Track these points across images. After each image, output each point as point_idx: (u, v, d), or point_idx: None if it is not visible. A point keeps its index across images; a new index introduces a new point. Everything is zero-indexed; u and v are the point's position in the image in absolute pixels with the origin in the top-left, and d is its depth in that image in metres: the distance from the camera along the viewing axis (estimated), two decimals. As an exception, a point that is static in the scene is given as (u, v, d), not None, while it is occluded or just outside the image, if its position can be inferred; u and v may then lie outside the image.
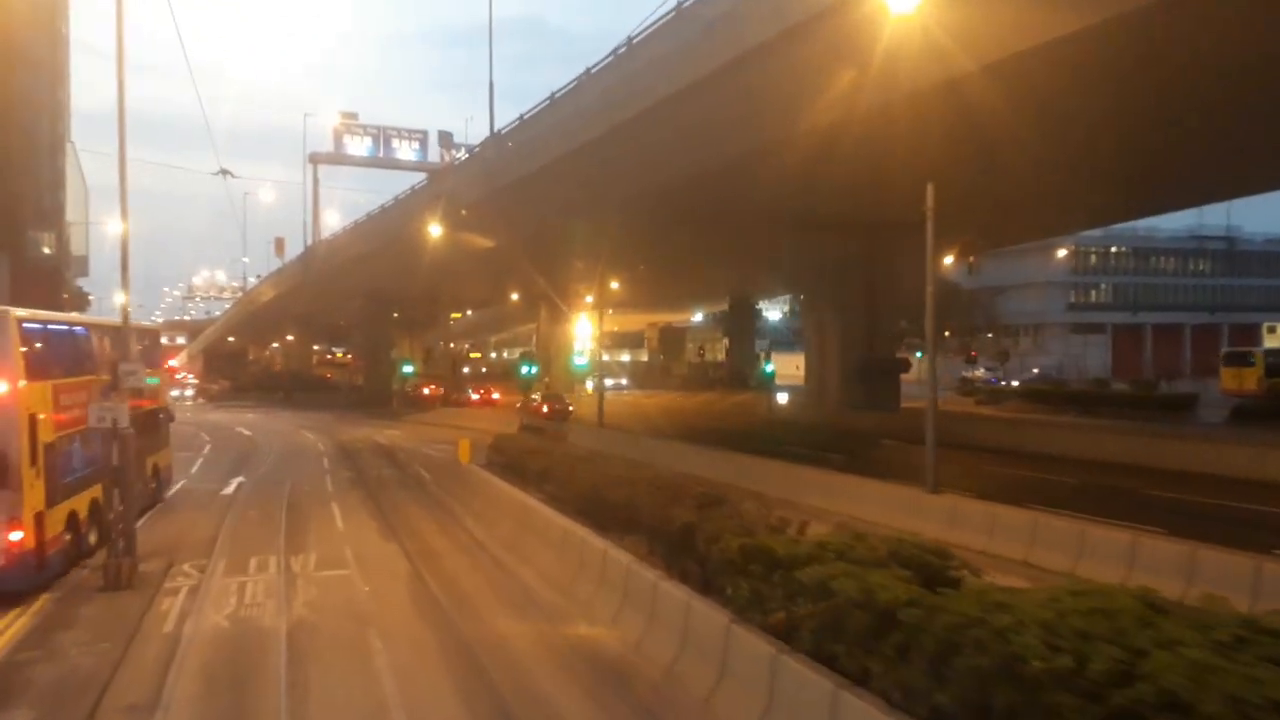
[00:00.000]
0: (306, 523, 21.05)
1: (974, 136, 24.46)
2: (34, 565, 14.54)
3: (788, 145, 27.92)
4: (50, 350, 16.01)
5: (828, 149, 28.47)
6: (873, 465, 30.45)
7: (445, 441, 40.65)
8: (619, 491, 14.78)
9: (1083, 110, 23.35)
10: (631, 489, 14.69)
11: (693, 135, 29.21)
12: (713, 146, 29.66)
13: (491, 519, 19.88)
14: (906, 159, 28.68)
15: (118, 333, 18.39)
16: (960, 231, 42.86)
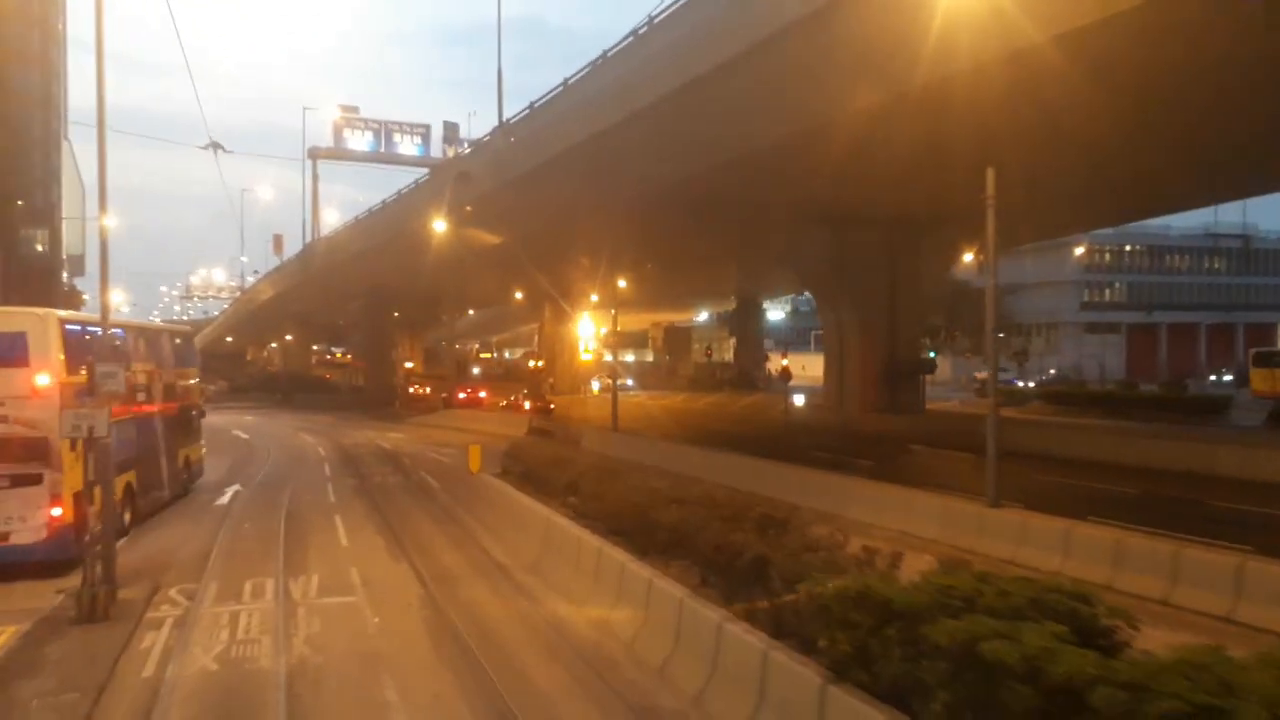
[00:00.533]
0: (307, 538, 19.30)
1: (1031, 118, 22.63)
2: (73, 539, 15.96)
3: (818, 133, 26.13)
4: (88, 348, 16.72)
5: (859, 138, 26.66)
6: (904, 472, 28.74)
7: (451, 445, 38.94)
8: (666, 512, 13.01)
9: (1167, 88, 21.46)
10: (681, 509, 12.93)
11: (715, 123, 27.44)
12: (735, 135, 27.88)
13: (510, 536, 18.14)
14: (943, 148, 26.95)
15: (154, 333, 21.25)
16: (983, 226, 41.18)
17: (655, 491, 14.60)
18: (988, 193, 18.75)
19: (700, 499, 13.66)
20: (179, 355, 25.54)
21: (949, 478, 26.99)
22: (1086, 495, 23.82)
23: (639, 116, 28.03)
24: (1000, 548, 17.51)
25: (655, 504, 14.08)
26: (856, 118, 23.57)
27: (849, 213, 38.89)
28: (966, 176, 32.76)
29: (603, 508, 15.93)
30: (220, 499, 24.93)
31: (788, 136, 26.67)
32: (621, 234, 43.27)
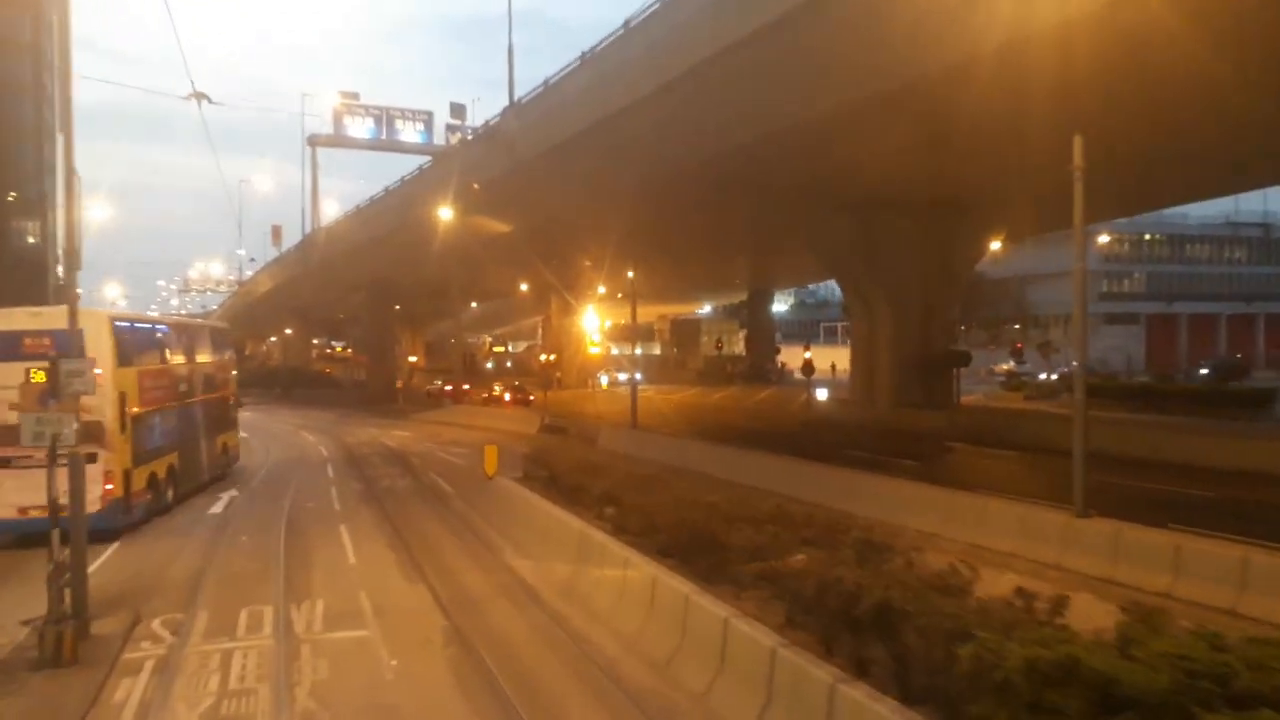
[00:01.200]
0: (310, 553, 17.28)
1: (1120, 88, 20.44)
2: (122, 511, 18.92)
3: (864, 107, 24.11)
4: (136, 343, 20.35)
5: (909, 113, 24.68)
6: (951, 473, 26.71)
7: (461, 444, 36.93)
8: (737, 532, 10.95)
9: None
10: (754, 529, 10.88)
11: (750, 95, 25.40)
12: (772, 109, 25.85)
13: (537, 551, 16.11)
14: (988, 127, 24.91)
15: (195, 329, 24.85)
16: (1033, 208, 39.12)
17: (714, 507, 12.54)
18: (1075, 163, 16.62)
19: (771, 515, 11.62)
20: (217, 349, 28.17)
21: (1001, 480, 24.99)
22: (1156, 499, 21.84)
23: (667, 90, 25.97)
24: (1091, 563, 15.50)
25: (716, 520, 12.04)
26: (913, 89, 21.51)
27: (880, 197, 36.81)
28: (1006, 158, 30.92)
29: (646, 522, 13.90)
30: (215, 506, 22.92)
31: (831, 110, 24.60)
32: (635, 221, 41.20)
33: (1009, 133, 26.23)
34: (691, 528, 11.96)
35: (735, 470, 25.87)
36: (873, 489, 21.40)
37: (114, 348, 19.11)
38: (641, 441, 33.17)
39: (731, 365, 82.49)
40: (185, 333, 25.67)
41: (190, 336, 25.89)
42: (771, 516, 11.45)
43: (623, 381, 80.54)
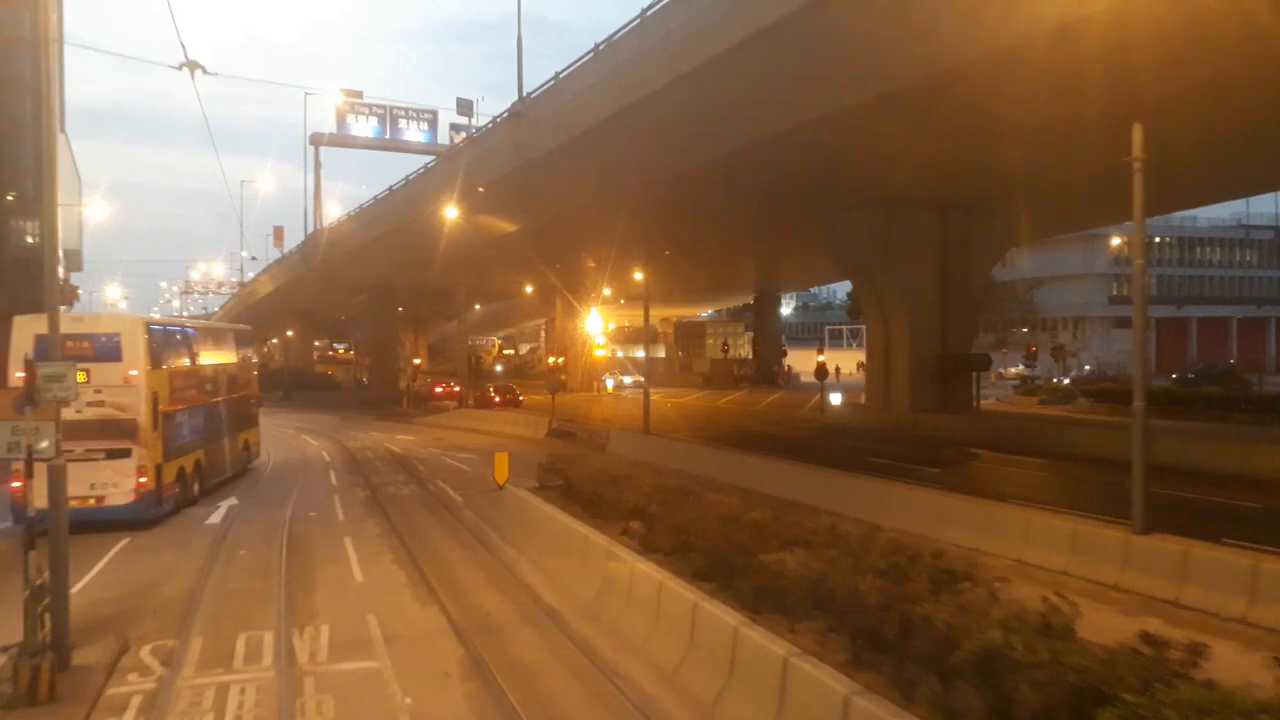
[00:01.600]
0: (313, 570, 16.19)
1: (1177, 73, 19.33)
2: (154, 502, 20.20)
3: (892, 99, 23.06)
4: (167, 346, 21.76)
5: (938, 103, 23.61)
6: (977, 482, 25.67)
7: (467, 450, 35.84)
8: (790, 557, 9.84)
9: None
10: (810, 555, 9.77)
11: (774, 88, 24.36)
12: (795, 102, 24.82)
13: (556, 569, 15.02)
14: (1020, 118, 23.81)
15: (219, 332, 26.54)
16: (1049, 209, 38.07)
17: (761, 527, 11.42)
18: (1134, 154, 15.51)
19: (824, 536, 10.52)
20: (241, 350, 29.49)
21: (1033, 490, 23.89)
22: (1199, 510, 20.79)
23: (684, 82, 24.87)
24: (1155, 585, 14.41)
25: (762, 541, 10.94)
26: (947, 76, 20.43)
27: (898, 195, 35.83)
28: (1036, 154, 29.87)
29: (678, 540, 12.80)
30: (213, 516, 21.79)
31: (858, 103, 23.52)
32: (645, 221, 40.13)
33: (1041, 126, 25.25)
34: (734, 549, 10.85)
35: (756, 478, 24.79)
36: (904, 499, 20.30)
37: (148, 351, 20.39)
38: (654, 447, 32.06)
39: (738, 368, 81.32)
40: (211, 335, 27.22)
41: (216, 339, 27.47)
42: (823, 537, 10.33)
43: (628, 385, 79.53)
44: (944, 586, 8.60)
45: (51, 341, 11.58)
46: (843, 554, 9.76)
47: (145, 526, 19.75)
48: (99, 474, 19.37)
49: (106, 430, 19.53)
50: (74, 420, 18.04)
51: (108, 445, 19.51)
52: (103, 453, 19.42)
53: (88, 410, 19.07)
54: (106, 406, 19.56)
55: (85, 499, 18.90)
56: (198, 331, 25.85)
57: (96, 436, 19.43)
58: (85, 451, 19.00)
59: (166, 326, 23.58)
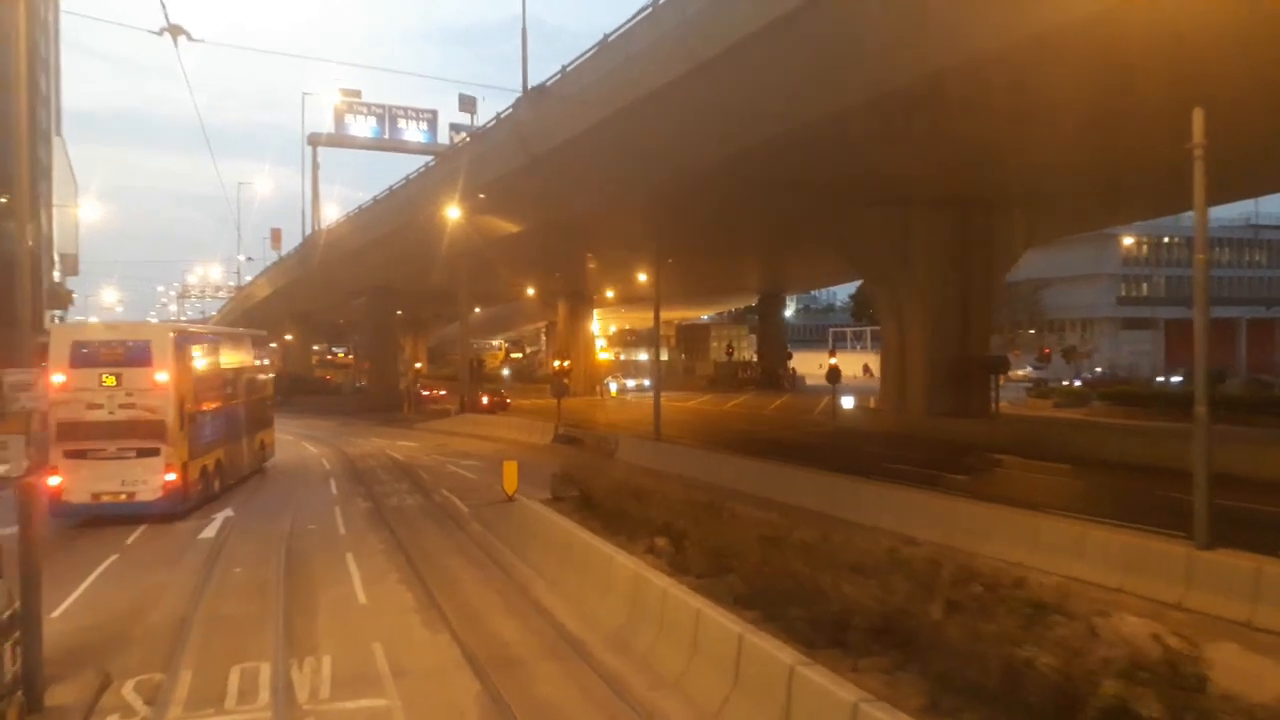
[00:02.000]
0: (314, 591, 15.06)
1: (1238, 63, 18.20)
2: (180, 498, 21.30)
3: (922, 87, 22.00)
4: (193, 352, 23.06)
5: (967, 92, 22.53)
6: (1009, 489, 24.54)
7: (472, 456, 34.72)
8: (851, 585, 8.71)
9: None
10: (868, 580, 8.64)
11: (796, 78, 23.27)
12: (819, 94, 23.74)
13: (575, 589, 13.88)
14: (1067, 103, 22.73)
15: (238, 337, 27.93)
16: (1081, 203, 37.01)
17: (809, 548, 10.29)
18: (1194, 140, 14.40)
19: (883, 560, 9.40)
20: (258, 355, 30.92)
21: (1068, 499, 22.66)
22: (1255, 520, 19.59)
23: (700, 73, 23.76)
24: (1224, 605, 13.29)
25: (815, 564, 9.82)
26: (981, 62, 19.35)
27: (917, 193, 34.72)
28: (1062, 147, 28.78)
29: (714, 562, 11.69)
30: (207, 529, 20.65)
31: (886, 93, 22.46)
32: (653, 221, 39.08)
33: (1070, 119, 24.19)
34: (780, 573, 9.73)
35: (776, 487, 23.70)
36: (939, 510, 19.20)
37: (175, 356, 21.67)
38: (667, 454, 30.95)
39: (743, 372, 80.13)
40: (231, 340, 28.85)
41: (235, 344, 28.84)
42: (885, 562, 9.22)
43: (630, 388, 78.42)
44: (1034, 620, 7.49)
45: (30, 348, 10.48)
46: (906, 579, 8.64)
47: (170, 520, 21.07)
48: (130, 471, 20.88)
49: (136, 430, 20.91)
50: (107, 421, 20.75)
51: (138, 444, 20.93)
52: (133, 451, 20.89)
53: (120, 412, 20.87)
54: (137, 408, 20.98)
55: (117, 494, 20.91)
56: (220, 337, 27.74)
57: (127, 436, 20.91)
58: (117, 450, 20.84)
59: (193, 333, 25.30)
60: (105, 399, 20.91)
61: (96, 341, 21.85)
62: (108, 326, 23.64)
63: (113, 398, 20.95)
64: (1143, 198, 38.33)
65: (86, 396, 20.78)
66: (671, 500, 14.21)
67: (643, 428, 42.78)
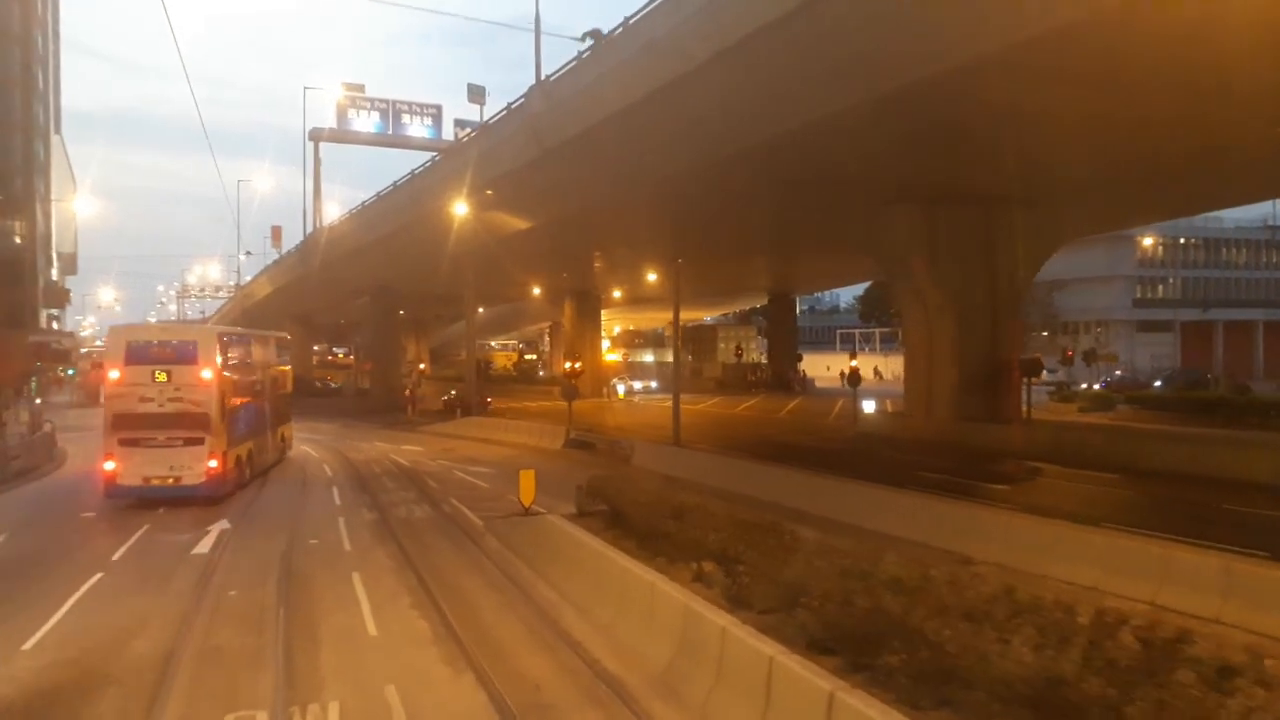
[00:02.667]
0: (316, 619, 13.52)
1: None
2: (220, 483, 23.37)
3: (955, 75, 20.55)
4: (232, 352, 25.41)
5: (1003, 78, 21.08)
6: (1056, 500, 23.07)
7: (481, 462, 33.21)
8: (970, 633, 7.17)
9: None
10: (982, 627, 7.11)
11: (829, 63, 21.78)
12: (852, 80, 22.23)
13: (607, 618, 12.36)
14: (1113, 90, 21.26)
15: (264, 339, 30.32)
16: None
17: (899, 585, 8.74)
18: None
19: (1000, 604, 7.86)
20: (280, 355, 33.13)
21: (1120, 512, 21.10)
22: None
23: (727, 57, 22.27)
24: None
25: (910, 604, 8.29)
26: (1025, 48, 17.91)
27: (945, 188, 33.19)
28: (1101, 140, 27.33)
29: (779, 594, 10.15)
30: (200, 544, 19.09)
31: (922, 79, 20.97)
32: (667, 217, 37.72)
33: (1106, 111, 22.77)
34: (869, 615, 8.20)
35: (807, 498, 22.17)
36: (997, 526, 17.65)
37: (219, 356, 23.96)
38: (687, 461, 29.43)
39: (753, 374, 78.49)
40: (260, 342, 30.68)
41: (263, 345, 30.88)
42: (1003, 606, 7.69)
43: (638, 390, 76.80)
44: (1215, 685, 5.97)
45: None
46: (1037, 631, 7.12)
47: (212, 504, 23.01)
48: (177, 458, 23.02)
49: (183, 422, 23.03)
50: (157, 413, 23.03)
51: (184, 434, 22.99)
52: (180, 440, 22.97)
53: (169, 405, 23.06)
54: (184, 402, 23.12)
55: (165, 478, 23.02)
56: (252, 339, 29.64)
57: (175, 427, 23.01)
58: (166, 439, 22.99)
59: (233, 335, 27.66)
60: (156, 393, 23.11)
61: (149, 341, 24.34)
62: (159, 328, 26.42)
63: (162, 392, 23.15)
64: (1174, 194, 36.90)
65: (139, 391, 23.08)
66: (717, 519, 12.65)
67: (656, 432, 41.25)
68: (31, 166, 70.64)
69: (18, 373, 46.49)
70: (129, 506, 23.16)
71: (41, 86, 77.29)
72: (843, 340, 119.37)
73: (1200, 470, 26.98)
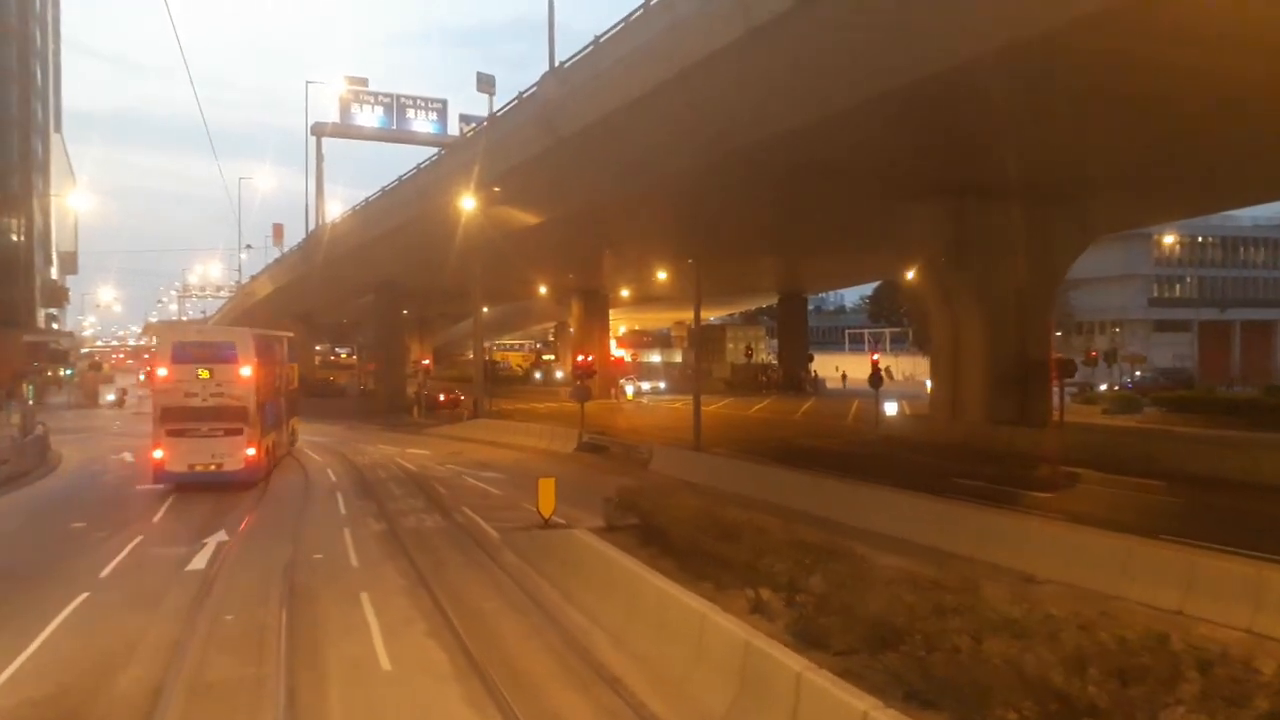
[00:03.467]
0: (322, 647, 12.17)
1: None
2: (256, 469, 26.33)
3: (1001, 56, 19.22)
4: (263, 352, 28.06)
5: (1061, 59, 19.74)
6: (1103, 510, 21.74)
7: (491, 467, 31.87)
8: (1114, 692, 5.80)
9: None
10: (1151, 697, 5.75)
11: (877, 37, 20.39)
12: (894, 60, 20.88)
13: (659, 658, 10.98)
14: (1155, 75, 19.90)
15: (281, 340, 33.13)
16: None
17: (1019, 629, 7.36)
18: None
19: (1160, 660, 6.50)
20: (291, 354, 35.57)
21: (1179, 523, 19.62)
22: None
23: (758, 36, 20.87)
24: None
25: (1025, 650, 6.92)
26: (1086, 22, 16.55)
27: (972, 180, 31.80)
28: (1142, 129, 26.00)
29: (860, 630, 8.77)
30: (196, 559, 17.73)
31: (965, 61, 19.67)
32: (682, 212, 36.39)
33: (1158, 92, 21.44)
34: (977, 660, 6.83)
35: (844, 508, 20.80)
36: (1058, 540, 16.29)
37: (255, 355, 26.58)
38: (709, 467, 28.07)
39: (763, 374, 77.02)
40: (278, 343, 32.90)
41: (281, 346, 33.19)
42: (1164, 663, 6.33)
43: (646, 391, 75.37)
44: None
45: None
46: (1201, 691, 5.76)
47: (247, 488, 25.66)
48: (219, 446, 25.55)
49: (224, 414, 25.58)
50: (202, 406, 25.54)
51: (225, 426, 25.55)
52: (221, 430, 25.53)
53: (211, 399, 25.60)
54: (225, 397, 25.68)
55: (208, 465, 25.58)
56: (273, 340, 31.81)
57: (217, 419, 25.50)
58: (208, 430, 25.48)
59: (264, 338, 29.67)
60: (200, 389, 25.62)
61: (193, 343, 27.62)
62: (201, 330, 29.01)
63: (205, 388, 25.65)
64: (1214, 188, 35.52)
65: (185, 387, 25.58)
66: (772, 539, 11.25)
67: (669, 434, 39.93)
68: (29, 163, 69.37)
69: (10, 373, 45.24)
70: (123, 515, 21.89)
71: (40, 84, 76.11)
72: (852, 340, 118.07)
73: (1254, 477, 25.59)
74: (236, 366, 25.99)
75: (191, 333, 33.12)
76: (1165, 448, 30.26)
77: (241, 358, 26.12)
